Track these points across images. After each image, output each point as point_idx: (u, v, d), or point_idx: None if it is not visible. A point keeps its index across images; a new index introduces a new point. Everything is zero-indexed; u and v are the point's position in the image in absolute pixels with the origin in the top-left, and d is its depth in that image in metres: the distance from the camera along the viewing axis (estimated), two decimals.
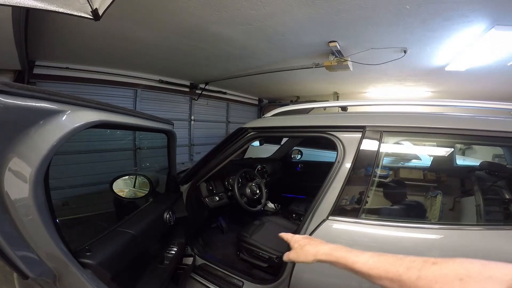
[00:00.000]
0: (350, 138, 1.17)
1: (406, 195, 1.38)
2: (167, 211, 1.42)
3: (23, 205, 0.65)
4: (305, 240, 0.65)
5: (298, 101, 6.45)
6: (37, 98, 0.64)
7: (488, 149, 2.16)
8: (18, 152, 0.64)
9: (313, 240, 0.65)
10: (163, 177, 1.70)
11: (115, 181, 1.56)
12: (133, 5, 1.89)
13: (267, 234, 1.78)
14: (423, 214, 1.30)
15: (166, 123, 1.48)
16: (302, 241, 0.65)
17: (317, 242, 0.63)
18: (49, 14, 1.73)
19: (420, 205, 1.32)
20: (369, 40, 2.48)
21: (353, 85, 4.72)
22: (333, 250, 0.58)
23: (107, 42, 2.67)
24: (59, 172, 2.87)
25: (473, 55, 2.57)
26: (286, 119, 1.54)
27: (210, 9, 1.95)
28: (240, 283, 1.44)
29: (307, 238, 0.67)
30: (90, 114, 0.80)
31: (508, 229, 0.97)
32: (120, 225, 1.12)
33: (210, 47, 2.84)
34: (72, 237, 0.84)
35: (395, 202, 1.30)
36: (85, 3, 1.05)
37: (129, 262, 1.04)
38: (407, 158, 2.24)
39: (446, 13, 1.87)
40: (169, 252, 1.43)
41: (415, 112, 1.22)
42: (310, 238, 0.67)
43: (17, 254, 0.67)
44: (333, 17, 2.04)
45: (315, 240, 0.64)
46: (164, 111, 4.61)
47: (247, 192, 2.15)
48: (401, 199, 1.34)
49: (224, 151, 1.60)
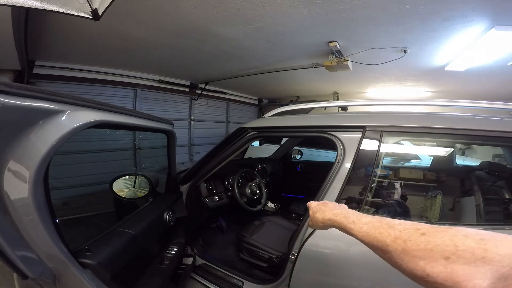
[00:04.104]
0: (350, 138, 1.17)
1: (406, 195, 1.38)
2: (167, 211, 1.42)
3: (23, 205, 0.65)
4: (317, 207, 0.65)
5: (298, 101, 6.44)
6: (37, 98, 0.64)
7: (488, 149, 2.16)
8: (18, 152, 0.64)
9: (324, 205, 0.65)
10: (163, 177, 1.70)
11: (115, 181, 1.56)
12: (132, 5, 1.89)
13: (267, 234, 1.78)
14: (423, 214, 1.30)
15: (166, 123, 1.48)
16: (315, 208, 0.66)
17: (327, 207, 0.63)
18: (49, 14, 1.72)
19: (420, 205, 1.32)
20: (369, 40, 2.48)
21: (353, 85, 4.72)
22: (335, 215, 0.57)
23: (107, 42, 2.67)
24: (59, 172, 2.86)
25: (473, 55, 2.57)
26: (286, 119, 1.54)
27: (210, 9, 1.95)
28: (240, 283, 1.44)
29: (321, 204, 0.66)
30: (90, 114, 0.80)
31: (508, 229, 0.97)
32: (120, 225, 1.12)
33: (210, 47, 2.84)
34: (71, 237, 0.84)
35: (395, 202, 1.30)
36: (85, 3, 1.05)
37: (129, 262, 1.04)
38: (407, 158, 2.25)
39: (446, 13, 1.87)
40: (169, 252, 1.42)
41: (415, 112, 1.22)
42: (324, 203, 0.66)
43: (16, 254, 0.67)
44: (333, 17, 2.04)
45: (326, 205, 0.64)
46: (164, 111, 4.60)
47: (247, 192, 2.15)
48: (401, 199, 1.34)
49: (224, 151, 1.60)
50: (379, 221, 0.46)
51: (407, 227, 0.41)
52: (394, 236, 0.41)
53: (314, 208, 0.66)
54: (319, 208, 0.65)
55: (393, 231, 0.42)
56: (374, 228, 0.45)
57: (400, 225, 0.42)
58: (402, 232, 0.40)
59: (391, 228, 0.43)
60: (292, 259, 1.13)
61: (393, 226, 0.43)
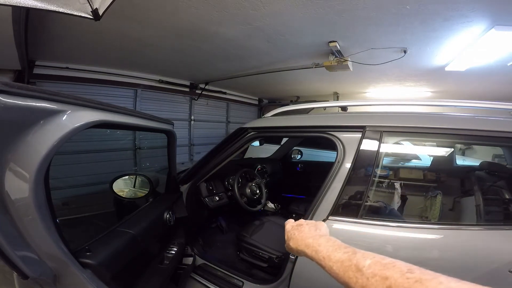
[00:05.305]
0: (350, 138, 1.17)
1: (406, 195, 1.39)
2: (167, 211, 1.42)
3: (23, 204, 0.65)
4: (291, 233, 0.61)
5: (298, 101, 6.45)
6: (38, 98, 0.64)
7: (488, 149, 2.16)
8: (19, 152, 0.64)
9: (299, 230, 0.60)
10: (163, 177, 1.70)
11: (115, 181, 1.56)
12: (133, 5, 1.89)
13: (267, 234, 1.78)
14: (423, 214, 1.31)
15: (166, 123, 1.48)
16: (289, 234, 0.62)
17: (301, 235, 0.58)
18: (49, 14, 1.72)
19: (420, 205, 1.32)
20: (369, 40, 2.48)
21: (353, 85, 4.72)
22: (307, 246, 0.53)
23: (107, 42, 2.67)
24: (59, 172, 2.87)
25: (473, 55, 2.57)
26: (286, 119, 1.54)
27: (210, 9, 1.95)
28: (240, 283, 1.44)
29: (295, 228, 0.62)
30: (91, 114, 0.80)
31: (508, 229, 0.97)
32: (120, 225, 1.12)
33: (210, 47, 2.84)
34: (72, 237, 0.84)
35: (395, 202, 1.31)
36: (85, 3, 1.06)
37: (129, 262, 1.04)
38: (407, 158, 2.25)
39: (446, 13, 1.88)
40: (169, 252, 1.43)
41: (415, 112, 1.22)
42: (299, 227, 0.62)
43: (17, 254, 0.67)
44: (333, 17, 2.04)
45: (301, 232, 0.59)
46: (164, 111, 4.60)
47: (247, 192, 2.15)
48: (401, 199, 1.34)
49: (224, 151, 1.60)
50: (349, 259, 0.42)
51: (376, 272, 0.37)
52: (361, 284, 0.37)
53: (288, 233, 0.62)
54: (293, 234, 0.60)
55: (360, 276, 0.38)
56: (344, 270, 0.42)
57: (369, 269, 0.38)
58: (369, 281, 0.37)
59: (360, 271, 0.39)
60: (292, 259, 1.14)
61: (361, 270, 0.39)
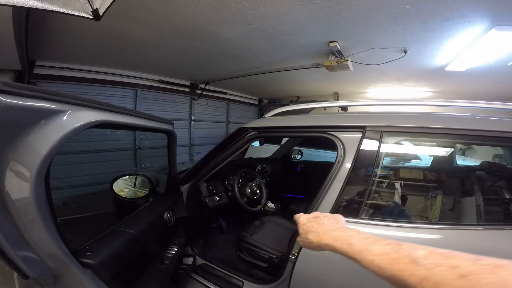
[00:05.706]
0: (350, 138, 1.17)
1: (406, 195, 1.39)
2: (167, 211, 1.42)
3: (24, 204, 0.65)
4: (309, 226, 0.56)
5: (298, 101, 6.45)
6: (38, 98, 0.64)
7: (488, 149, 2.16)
8: (19, 152, 0.64)
9: (318, 223, 0.55)
10: (163, 177, 1.70)
11: (115, 181, 1.56)
12: (133, 5, 1.89)
13: (267, 234, 1.78)
14: (423, 214, 1.30)
15: (166, 123, 1.48)
16: (307, 226, 0.57)
17: (323, 227, 0.54)
18: (49, 14, 1.73)
19: (421, 205, 1.32)
20: (369, 40, 2.48)
21: (353, 85, 4.72)
22: (335, 240, 0.49)
23: (107, 42, 2.67)
24: (60, 172, 2.87)
25: (473, 55, 2.57)
26: (286, 119, 1.54)
27: (210, 9, 1.95)
28: (240, 283, 1.44)
29: (312, 220, 0.57)
30: (91, 114, 0.80)
31: (508, 229, 0.97)
32: (120, 225, 1.12)
33: (210, 47, 2.84)
34: (72, 237, 0.84)
35: (395, 202, 1.31)
36: (86, 3, 1.06)
37: (129, 262, 1.04)
38: (407, 158, 2.25)
39: (446, 13, 1.88)
40: (169, 252, 1.43)
41: (415, 112, 1.22)
42: (316, 219, 0.57)
43: (17, 254, 0.67)
44: (333, 17, 2.04)
45: (320, 224, 0.55)
46: (164, 111, 4.61)
47: (247, 192, 2.15)
48: (401, 199, 1.34)
49: (224, 151, 1.60)
50: (395, 251, 0.37)
51: (438, 262, 0.32)
52: (421, 276, 0.32)
53: (305, 227, 0.57)
54: (311, 227, 0.55)
55: (418, 268, 0.33)
56: (391, 262, 0.36)
57: (427, 259, 0.33)
58: (432, 271, 0.31)
59: (415, 263, 0.34)
60: (292, 259, 1.14)
61: (417, 261, 0.34)
